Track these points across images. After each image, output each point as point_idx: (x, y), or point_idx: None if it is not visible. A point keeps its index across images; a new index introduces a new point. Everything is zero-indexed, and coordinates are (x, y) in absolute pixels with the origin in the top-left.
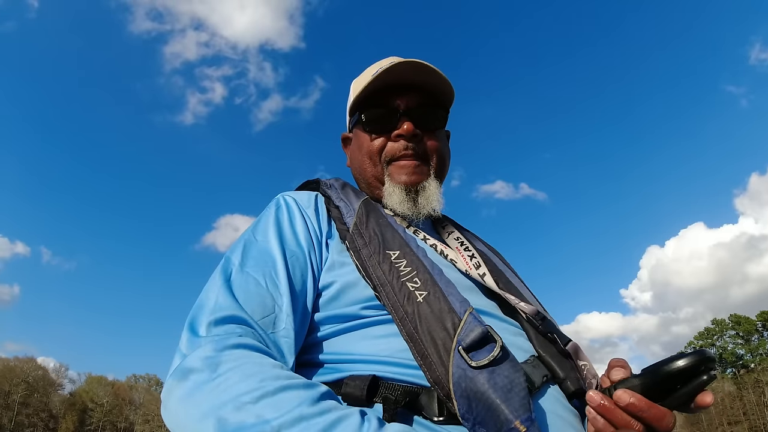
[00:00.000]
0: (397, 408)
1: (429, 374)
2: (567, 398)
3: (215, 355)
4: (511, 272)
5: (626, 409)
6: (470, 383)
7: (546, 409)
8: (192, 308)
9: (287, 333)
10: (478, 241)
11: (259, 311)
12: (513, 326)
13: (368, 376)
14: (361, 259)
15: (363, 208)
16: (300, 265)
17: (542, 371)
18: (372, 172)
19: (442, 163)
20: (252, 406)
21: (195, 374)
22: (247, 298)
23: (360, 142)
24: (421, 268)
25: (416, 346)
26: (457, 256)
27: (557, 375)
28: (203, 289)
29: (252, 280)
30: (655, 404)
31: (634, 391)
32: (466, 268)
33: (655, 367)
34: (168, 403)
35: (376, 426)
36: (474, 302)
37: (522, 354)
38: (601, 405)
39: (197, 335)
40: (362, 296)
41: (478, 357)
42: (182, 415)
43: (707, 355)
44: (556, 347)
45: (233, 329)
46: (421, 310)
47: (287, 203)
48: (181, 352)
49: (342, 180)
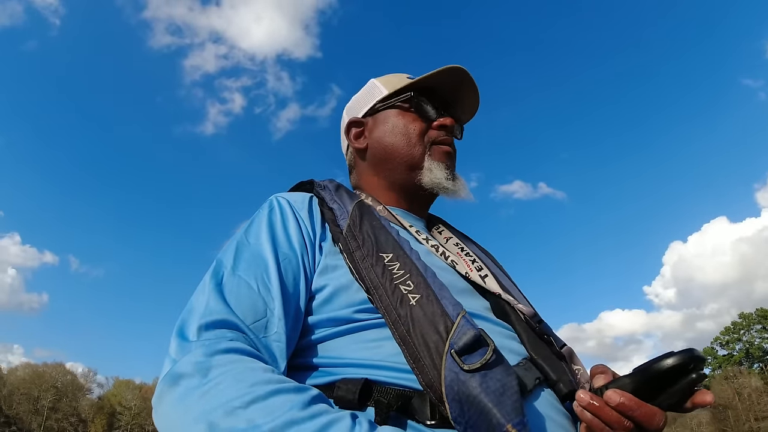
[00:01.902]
0: (390, 412)
1: (421, 377)
2: (560, 400)
3: (205, 360)
4: (504, 274)
5: (616, 409)
6: (462, 387)
7: (538, 411)
8: (182, 312)
9: (279, 337)
10: (472, 243)
11: (250, 315)
12: (506, 329)
13: (360, 380)
14: (354, 261)
15: (357, 210)
16: (292, 268)
17: (534, 374)
18: (408, 152)
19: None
20: (242, 411)
21: (186, 379)
22: (238, 302)
23: (397, 123)
24: (415, 271)
25: (409, 349)
26: (458, 258)
27: (550, 377)
28: (194, 293)
29: (243, 284)
30: (645, 403)
31: (624, 390)
32: (467, 271)
33: (644, 367)
34: (159, 408)
35: (367, 429)
36: (467, 305)
37: (514, 357)
38: (591, 404)
39: (187, 340)
40: (355, 299)
41: (470, 360)
42: (173, 420)
43: (696, 354)
44: (552, 349)
45: (224, 333)
46: (414, 314)
47: (280, 205)
48: (171, 357)
49: (336, 181)
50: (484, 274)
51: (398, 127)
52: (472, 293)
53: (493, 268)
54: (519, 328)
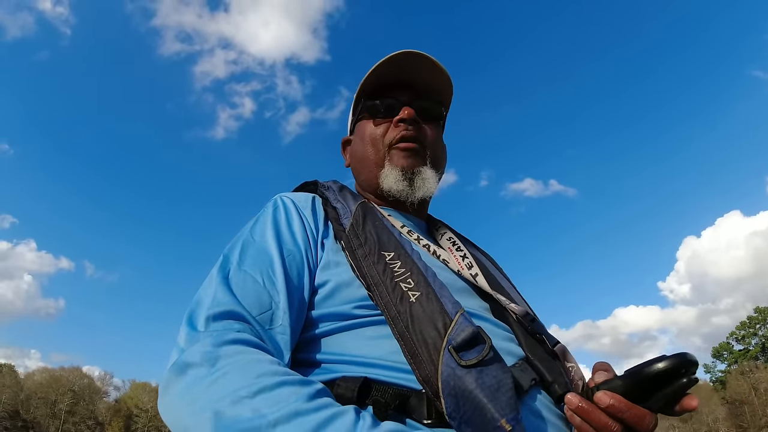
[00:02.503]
0: (387, 410)
1: (418, 372)
2: (555, 402)
3: (213, 350)
4: (503, 276)
5: (606, 410)
6: (459, 382)
7: (533, 412)
8: (190, 303)
9: (284, 330)
10: (471, 245)
11: (256, 307)
12: (503, 329)
13: (360, 378)
14: (356, 259)
15: (360, 210)
16: (297, 264)
17: (530, 375)
18: (374, 158)
19: (438, 153)
20: (249, 401)
21: (194, 369)
22: (244, 294)
23: (363, 132)
24: (415, 270)
25: (407, 344)
26: (449, 256)
27: (545, 378)
28: (201, 286)
29: (249, 278)
30: (635, 405)
31: (615, 392)
32: (459, 269)
33: (636, 369)
34: (165, 396)
35: (371, 424)
36: (466, 304)
37: (511, 358)
38: (580, 407)
39: (196, 330)
40: (356, 295)
41: (467, 356)
42: (180, 408)
43: (688, 358)
44: (545, 348)
45: (231, 324)
46: (414, 310)
47: (285, 204)
48: (179, 347)
49: (339, 182)
50: (474, 273)
51: (363, 137)
52: (470, 293)
53: (491, 268)
54: (516, 329)
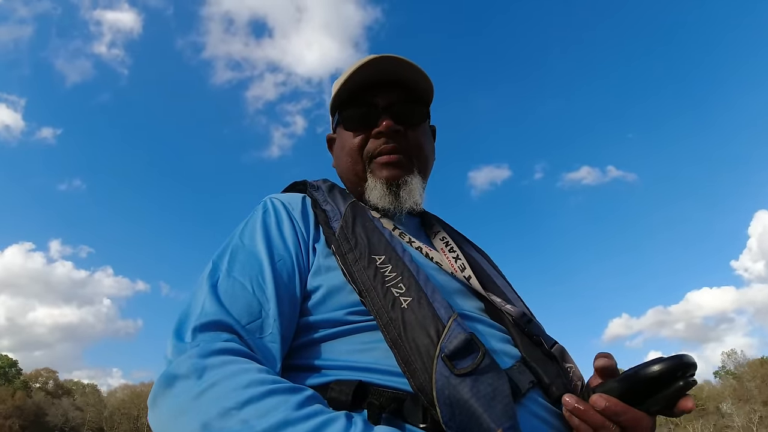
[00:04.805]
0: (382, 414)
1: (413, 381)
2: (553, 403)
3: (200, 360)
4: (498, 275)
5: (602, 413)
6: (453, 391)
7: (531, 415)
8: (178, 314)
9: (274, 338)
10: (467, 243)
11: (245, 316)
12: (499, 330)
13: (354, 381)
14: (347, 263)
15: (350, 211)
16: (287, 269)
17: (528, 377)
18: (355, 170)
19: (425, 158)
20: (237, 412)
21: (181, 380)
22: (233, 303)
23: (342, 142)
24: (407, 274)
25: (400, 352)
26: (442, 258)
27: (543, 380)
28: (190, 295)
29: (239, 285)
30: (631, 408)
31: (611, 394)
32: (452, 270)
33: (632, 372)
34: (154, 409)
35: (362, 429)
36: (461, 306)
37: (508, 359)
38: (576, 408)
39: (183, 341)
40: (347, 301)
41: (461, 364)
42: (168, 421)
43: (685, 360)
44: (542, 350)
45: (219, 335)
46: (406, 317)
47: (274, 206)
48: (167, 359)
49: (330, 181)
50: (468, 275)
51: (344, 145)
52: (465, 294)
53: (485, 268)
54: (512, 330)
